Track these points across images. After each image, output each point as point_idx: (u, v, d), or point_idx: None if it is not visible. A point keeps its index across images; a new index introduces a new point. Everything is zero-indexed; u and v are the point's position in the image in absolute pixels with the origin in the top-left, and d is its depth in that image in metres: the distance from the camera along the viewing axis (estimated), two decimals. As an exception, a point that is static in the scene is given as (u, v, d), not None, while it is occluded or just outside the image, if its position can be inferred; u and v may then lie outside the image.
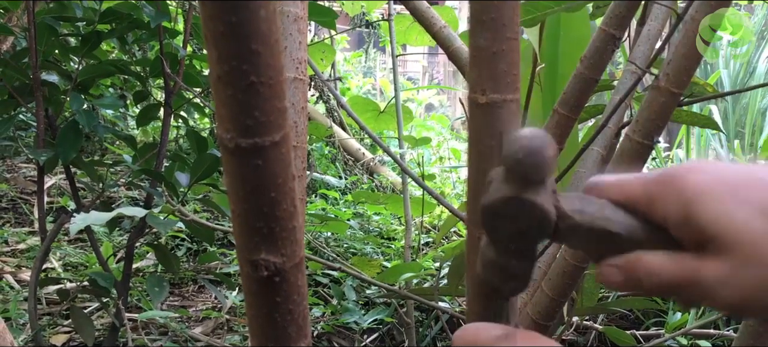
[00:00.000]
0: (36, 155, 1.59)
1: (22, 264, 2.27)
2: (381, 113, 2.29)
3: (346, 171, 3.71)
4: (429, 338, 2.28)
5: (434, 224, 3.25)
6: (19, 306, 1.92)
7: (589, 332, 2.20)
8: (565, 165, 1.03)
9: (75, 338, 1.90)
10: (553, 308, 0.97)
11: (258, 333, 0.53)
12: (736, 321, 2.08)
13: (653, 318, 2.23)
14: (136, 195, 2.81)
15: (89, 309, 2.07)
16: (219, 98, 0.44)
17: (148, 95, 1.90)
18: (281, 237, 0.48)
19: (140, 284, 2.21)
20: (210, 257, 2.02)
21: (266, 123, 0.44)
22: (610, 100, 1.16)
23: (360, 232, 2.87)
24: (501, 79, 0.49)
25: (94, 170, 1.73)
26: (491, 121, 0.51)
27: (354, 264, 2.00)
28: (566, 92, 0.97)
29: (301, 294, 0.52)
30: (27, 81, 1.62)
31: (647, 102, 0.77)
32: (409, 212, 2.05)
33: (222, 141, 0.45)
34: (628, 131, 0.80)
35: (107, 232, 2.41)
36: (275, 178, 0.46)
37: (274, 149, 0.45)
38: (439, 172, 4.04)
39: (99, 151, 3.21)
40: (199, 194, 1.82)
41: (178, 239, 2.57)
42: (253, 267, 0.49)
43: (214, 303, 2.29)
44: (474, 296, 0.58)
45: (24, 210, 2.67)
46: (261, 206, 0.47)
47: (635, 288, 0.41)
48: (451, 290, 1.48)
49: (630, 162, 0.81)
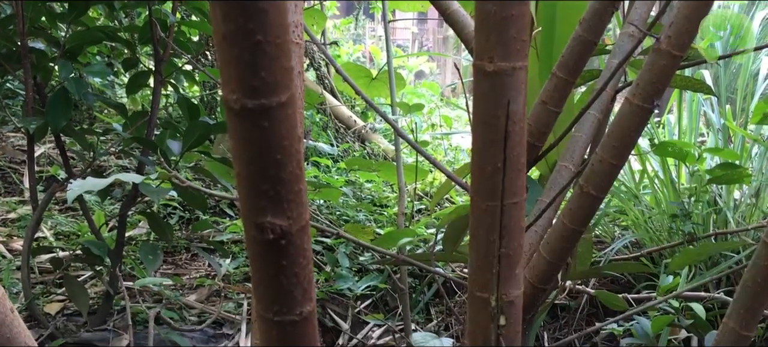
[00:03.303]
0: (26, 123, 1.57)
1: (13, 234, 2.25)
2: (373, 79, 2.27)
3: (338, 139, 3.70)
4: (422, 303, 2.29)
5: (426, 191, 3.25)
6: (11, 275, 1.92)
7: (581, 296, 2.22)
8: (562, 129, 1.03)
9: (69, 306, 1.90)
10: (551, 272, 0.98)
11: (263, 296, 0.53)
12: (726, 284, 2.11)
13: (644, 282, 2.25)
14: (127, 164, 2.79)
15: (82, 277, 2.06)
16: (224, 58, 0.43)
17: (137, 62, 1.88)
18: (287, 200, 0.48)
19: (133, 252, 2.21)
20: (203, 225, 2.01)
21: (273, 84, 0.43)
22: (607, 63, 1.15)
23: (353, 199, 2.87)
24: (510, 45, 0.49)
25: (84, 139, 1.72)
26: (499, 90, 0.50)
27: (347, 231, 2.00)
28: (565, 55, 0.97)
29: (306, 258, 0.52)
30: (14, 48, 1.59)
31: (648, 65, 0.76)
32: (402, 179, 2.04)
33: (227, 103, 0.44)
34: (628, 94, 0.80)
35: (99, 201, 2.40)
36: (281, 140, 0.45)
37: (281, 110, 0.44)
38: (430, 139, 4.04)
39: (87, 120, 3.18)
40: (191, 162, 1.81)
41: (170, 207, 2.56)
42: (259, 230, 0.49)
43: (208, 270, 2.29)
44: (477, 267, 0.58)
45: (14, 180, 2.65)
46: (267, 169, 0.46)
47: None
48: (445, 256, 1.48)
49: (629, 126, 0.81)
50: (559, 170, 1.13)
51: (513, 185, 0.53)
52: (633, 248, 2.44)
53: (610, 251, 2.33)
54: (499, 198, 0.53)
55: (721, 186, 2.26)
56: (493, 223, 0.55)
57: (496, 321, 0.58)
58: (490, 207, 0.54)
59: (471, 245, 0.59)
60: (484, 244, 0.56)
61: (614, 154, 0.83)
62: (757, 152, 2.45)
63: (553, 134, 1.15)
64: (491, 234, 0.55)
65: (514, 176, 0.53)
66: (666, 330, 1.87)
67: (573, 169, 1.11)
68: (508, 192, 0.53)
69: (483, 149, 0.53)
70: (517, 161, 0.53)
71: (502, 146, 0.52)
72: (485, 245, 0.56)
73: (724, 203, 2.25)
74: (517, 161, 0.53)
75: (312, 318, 0.55)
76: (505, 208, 0.54)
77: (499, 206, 0.54)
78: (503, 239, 0.55)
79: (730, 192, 2.31)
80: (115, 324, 1.84)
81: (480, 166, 0.54)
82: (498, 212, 0.54)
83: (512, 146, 0.51)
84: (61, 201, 2.52)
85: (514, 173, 0.53)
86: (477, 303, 0.61)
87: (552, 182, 1.13)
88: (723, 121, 2.46)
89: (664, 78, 0.76)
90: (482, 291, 0.60)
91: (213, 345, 1.91)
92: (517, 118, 0.51)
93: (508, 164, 0.52)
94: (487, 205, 0.54)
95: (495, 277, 0.57)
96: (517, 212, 0.55)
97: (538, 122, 1.04)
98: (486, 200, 0.54)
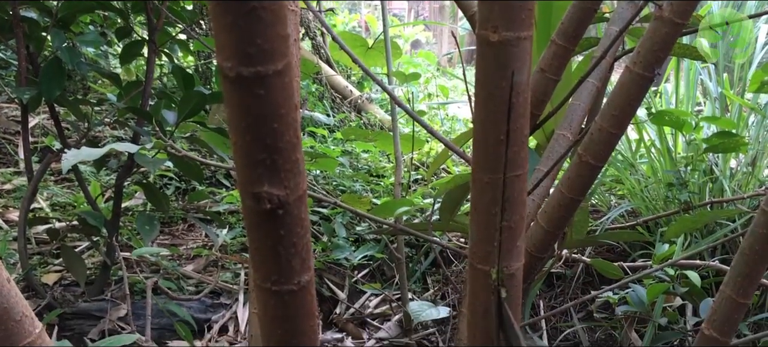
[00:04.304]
0: (19, 93, 1.55)
1: (9, 205, 2.24)
2: (369, 49, 2.25)
3: (334, 109, 3.68)
4: (419, 273, 2.30)
5: (423, 161, 3.25)
6: (8, 245, 1.91)
7: (576, 264, 2.23)
8: (560, 97, 1.02)
9: (66, 276, 1.90)
10: (548, 241, 0.98)
11: (261, 266, 0.53)
12: (721, 253, 2.12)
13: (640, 250, 2.26)
14: (122, 134, 2.77)
15: (79, 248, 2.06)
16: (219, 24, 0.42)
17: (130, 31, 1.85)
18: (284, 169, 0.47)
19: (129, 223, 2.21)
20: (200, 195, 2.01)
21: (269, 51, 0.42)
22: (606, 31, 1.14)
23: (349, 170, 2.87)
24: (516, 14, 0.48)
25: (79, 109, 1.70)
26: (503, 60, 0.49)
27: (344, 201, 2.00)
28: (564, 22, 0.95)
29: (304, 227, 0.51)
30: (6, 17, 1.57)
31: (650, 32, 0.75)
32: (399, 149, 2.03)
33: (222, 70, 0.43)
34: (629, 62, 0.79)
35: (94, 172, 2.39)
36: (278, 108, 0.45)
37: (277, 78, 0.43)
38: (427, 109, 4.02)
39: (81, 90, 3.15)
40: (186, 132, 1.80)
41: (165, 178, 2.55)
42: (256, 200, 0.48)
43: (205, 241, 2.29)
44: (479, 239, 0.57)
45: (8, 150, 2.63)
46: (263, 138, 0.45)
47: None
48: (442, 225, 1.48)
49: (629, 95, 0.80)
50: (556, 138, 1.13)
51: (516, 157, 0.52)
52: (629, 217, 2.45)
53: (606, 220, 2.33)
54: (501, 170, 0.53)
55: (717, 155, 2.26)
56: (495, 195, 0.54)
57: (497, 293, 0.58)
58: (493, 180, 0.54)
59: (472, 218, 0.58)
60: (485, 216, 0.56)
61: (613, 123, 0.82)
62: (754, 121, 2.44)
63: (552, 103, 1.14)
64: (493, 207, 0.55)
65: (518, 148, 0.52)
66: (661, 298, 1.89)
67: (571, 137, 1.11)
68: (511, 164, 0.53)
69: (486, 121, 0.52)
70: (520, 133, 0.52)
71: (506, 117, 0.51)
72: (487, 217, 0.56)
73: (721, 171, 2.25)
74: (520, 133, 0.52)
75: (310, 287, 0.55)
76: (508, 180, 0.53)
77: (501, 179, 0.53)
78: (505, 212, 0.55)
79: (727, 161, 2.31)
80: (113, 294, 1.85)
81: (483, 138, 0.53)
82: (500, 185, 0.54)
83: (516, 118, 0.51)
84: (57, 172, 2.51)
85: (518, 145, 0.52)
86: (478, 275, 0.60)
87: (549, 151, 1.13)
88: (720, 90, 2.46)
89: (666, 46, 0.75)
90: (483, 264, 0.59)
91: (211, 314, 1.92)
92: (521, 89, 0.51)
93: (511, 136, 0.51)
94: (490, 177, 0.54)
95: (496, 250, 0.57)
96: (519, 184, 0.54)
97: (537, 91, 1.04)
98: (488, 173, 0.54)
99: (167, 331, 1.80)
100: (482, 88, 0.51)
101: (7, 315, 0.69)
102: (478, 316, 0.63)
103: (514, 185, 0.54)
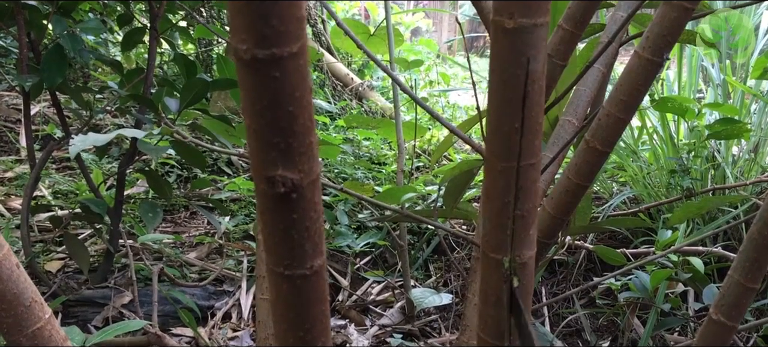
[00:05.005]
0: (21, 80, 1.55)
1: (11, 193, 2.24)
2: (371, 35, 2.25)
3: (335, 96, 3.67)
4: (421, 260, 2.31)
5: (424, 149, 3.24)
6: (10, 233, 1.91)
7: (579, 251, 2.23)
8: (567, 83, 1.02)
9: (70, 264, 1.91)
10: (556, 227, 0.98)
11: (273, 250, 0.52)
12: (724, 239, 2.12)
13: (642, 237, 2.27)
14: (124, 122, 2.77)
15: (82, 236, 2.06)
16: (234, 6, 0.41)
17: (131, 18, 1.85)
18: (298, 153, 0.47)
19: (132, 210, 2.21)
20: (202, 183, 2.01)
21: (284, 32, 0.42)
22: (612, 16, 1.14)
23: (351, 157, 2.87)
24: (531, 1, 0.47)
25: (81, 96, 1.70)
26: (519, 47, 0.49)
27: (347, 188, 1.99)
28: (571, 6, 0.95)
29: (317, 211, 0.51)
30: (7, 4, 1.56)
31: (659, 17, 0.75)
32: (401, 136, 2.03)
33: (237, 53, 0.43)
34: (638, 48, 0.78)
35: (96, 160, 2.39)
36: (293, 91, 0.44)
37: (293, 61, 0.43)
38: (428, 96, 4.01)
39: (82, 78, 3.15)
40: (188, 120, 1.79)
41: (167, 166, 2.55)
42: (270, 184, 0.48)
43: (207, 228, 2.29)
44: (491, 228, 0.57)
45: (9, 139, 2.63)
46: (278, 121, 0.45)
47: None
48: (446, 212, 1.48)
49: (638, 80, 0.80)
50: (562, 124, 1.12)
51: (530, 145, 0.52)
52: (631, 203, 2.45)
53: (608, 207, 2.34)
54: (515, 159, 0.52)
55: (719, 142, 2.25)
56: (508, 184, 0.54)
57: (510, 282, 0.58)
58: (506, 168, 0.53)
59: (484, 206, 0.58)
60: (498, 205, 0.56)
61: (621, 108, 0.82)
62: (756, 108, 2.44)
63: (557, 89, 1.14)
64: (506, 195, 0.54)
65: (532, 137, 0.52)
66: (664, 284, 1.89)
67: (576, 123, 1.10)
68: (526, 153, 0.52)
69: (500, 109, 0.52)
70: (534, 121, 0.52)
71: (521, 106, 0.50)
72: (500, 206, 0.55)
73: (723, 158, 2.25)
74: (534, 121, 0.52)
75: (322, 272, 0.55)
76: (522, 169, 0.53)
77: (515, 167, 0.53)
78: (518, 201, 0.54)
79: (729, 147, 2.31)
80: (116, 281, 1.85)
81: (496, 126, 0.53)
82: (514, 174, 0.53)
83: (530, 106, 0.50)
84: (58, 160, 2.51)
85: (532, 133, 0.52)
86: (490, 263, 0.60)
87: (555, 137, 1.12)
88: (723, 76, 2.45)
89: (675, 31, 0.74)
90: (495, 252, 0.59)
91: (214, 301, 1.92)
92: (537, 76, 0.50)
93: (525, 125, 0.51)
94: (503, 166, 0.53)
95: (509, 239, 0.56)
96: (533, 173, 0.54)
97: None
98: (502, 161, 0.53)
99: (171, 318, 1.80)
100: (497, 75, 0.51)
101: (16, 301, 0.69)
102: (490, 305, 0.63)
103: (528, 173, 0.53)
